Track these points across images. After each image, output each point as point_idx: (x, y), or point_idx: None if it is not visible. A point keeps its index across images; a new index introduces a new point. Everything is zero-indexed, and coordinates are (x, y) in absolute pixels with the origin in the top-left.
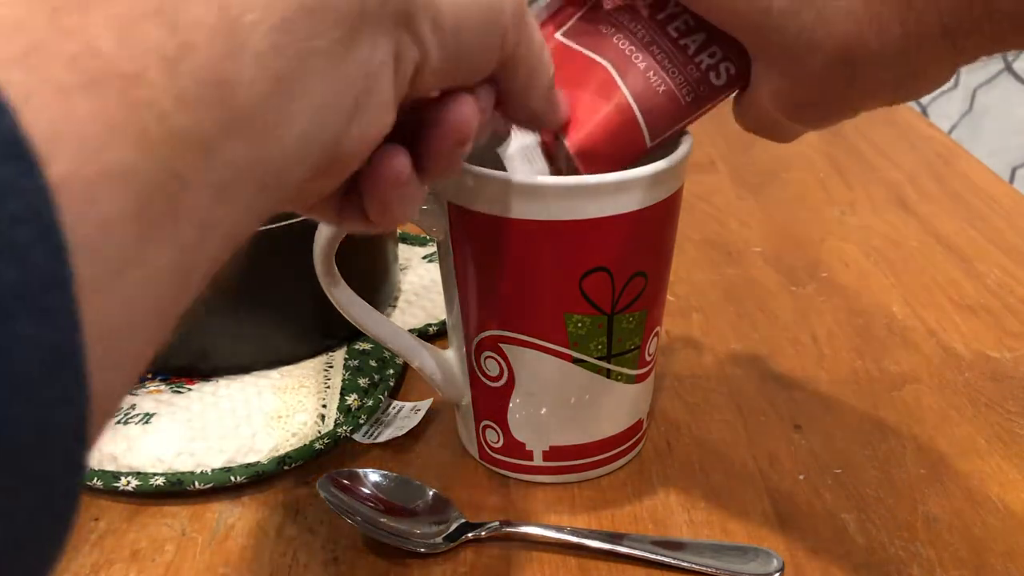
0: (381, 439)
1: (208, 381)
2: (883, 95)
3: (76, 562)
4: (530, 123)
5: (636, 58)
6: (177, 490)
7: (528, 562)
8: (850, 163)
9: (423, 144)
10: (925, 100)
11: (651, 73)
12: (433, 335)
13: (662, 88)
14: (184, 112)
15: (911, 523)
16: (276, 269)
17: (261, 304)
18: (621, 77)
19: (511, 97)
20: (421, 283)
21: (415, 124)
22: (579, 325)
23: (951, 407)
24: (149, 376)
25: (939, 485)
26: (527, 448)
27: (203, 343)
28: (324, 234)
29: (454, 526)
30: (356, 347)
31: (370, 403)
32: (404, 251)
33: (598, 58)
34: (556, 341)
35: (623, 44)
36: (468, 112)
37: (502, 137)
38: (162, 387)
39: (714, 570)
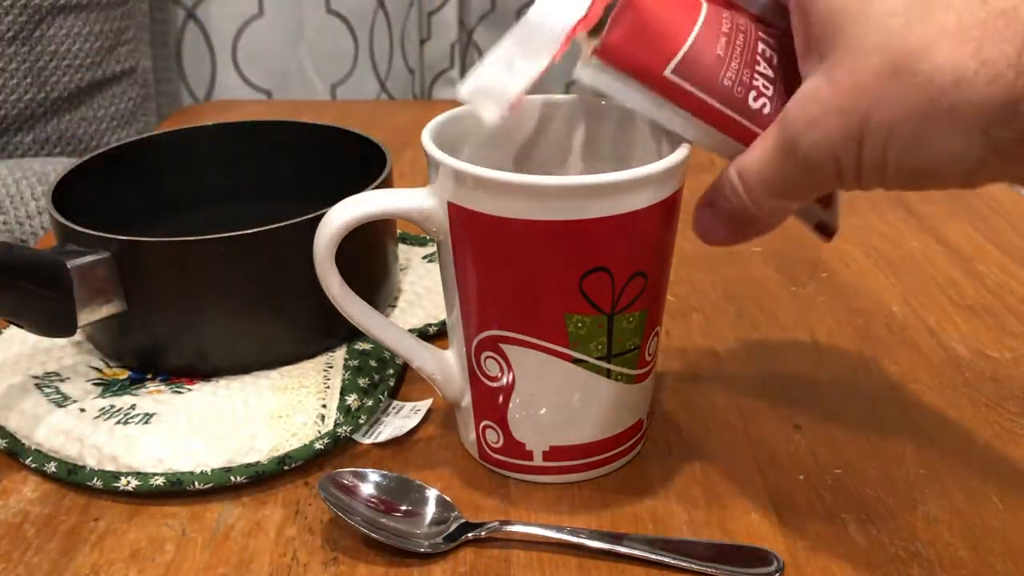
0: (381, 439)
1: (208, 381)
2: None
3: (76, 562)
4: None
5: (723, 23)
6: (177, 490)
7: (528, 562)
8: None
9: None
10: None
11: (722, 40)
12: (433, 335)
13: (716, 54)
14: None
15: (911, 523)
16: (276, 269)
17: (261, 304)
18: (703, 16)
19: None
20: (421, 283)
21: None
22: (579, 325)
23: (951, 407)
24: (149, 376)
25: (939, 485)
26: (527, 448)
27: (203, 343)
28: (324, 234)
29: (454, 526)
30: (356, 347)
31: (370, 403)
32: (404, 251)
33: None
34: (556, 341)
35: (724, 13)
36: None
37: None
38: (162, 387)
39: (714, 570)
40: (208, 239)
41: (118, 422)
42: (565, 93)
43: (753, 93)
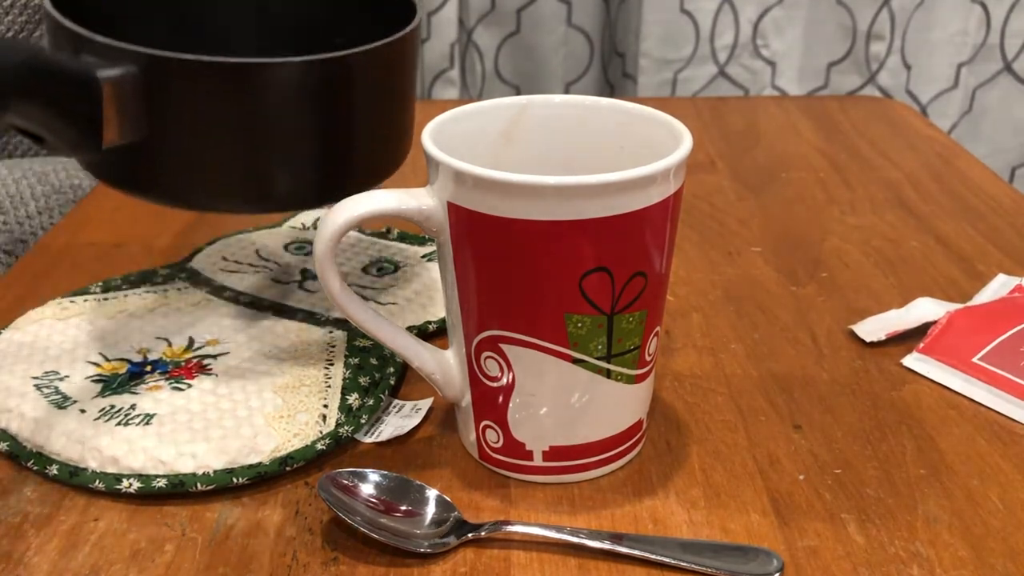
0: (383, 438)
1: (208, 375)
2: None
3: (76, 562)
4: None
5: None
6: (179, 491)
7: (528, 562)
8: (850, 163)
9: None
10: (925, 100)
11: None
12: (433, 332)
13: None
14: None
15: (911, 523)
16: (287, 105)
17: (262, 137)
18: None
19: None
20: (420, 281)
21: None
22: (579, 325)
23: (951, 407)
24: (148, 370)
25: (939, 485)
26: (527, 448)
27: (218, 178)
28: (325, 233)
29: (454, 526)
30: (356, 344)
31: (371, 402)
32: (404, 251)
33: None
34: (556, 341)
35: None
36: None
37: None
38: (161, 382)
39: (714, 570)
40: (256, 63)
41: (119, 423)
42: (565, 93)
43: None
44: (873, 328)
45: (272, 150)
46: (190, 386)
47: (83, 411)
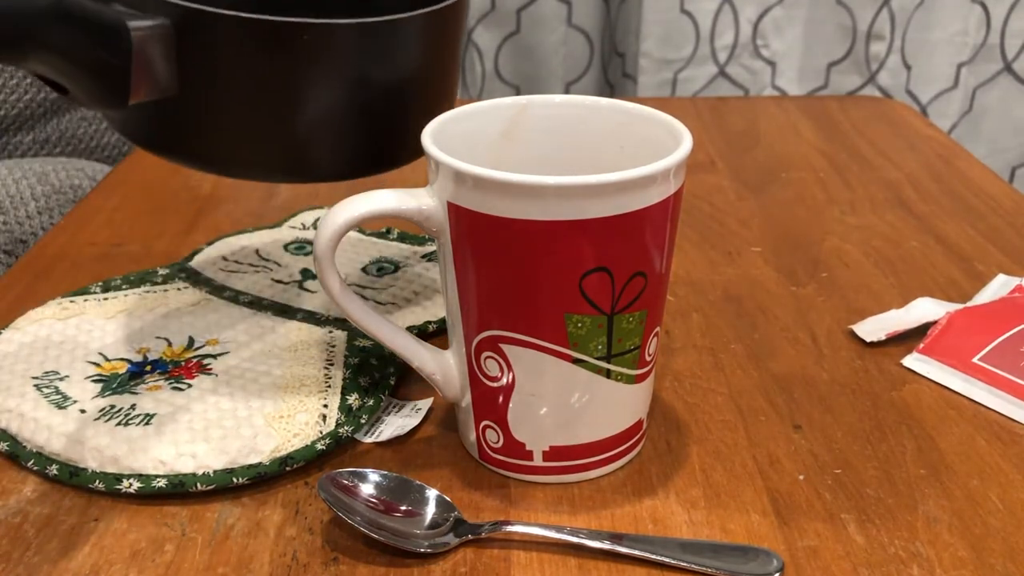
0: (383, 438)
1: (208, 375)
2: None
3: (76, 562)
4: None
5: None
6: (179, 491)
7: (528, 562)
8: (850, 163)
9: None
10: (925, 100)
11: None
12: (433, 332)
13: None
14: None
15: (911, 523)
16: (331, 69)
17: (301, 102)
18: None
19: None
20: (420, 281)
21: None
22: (579, 325)
23: (951, 407)
24: (148, 369)
25: (939, 485)
26: (527, 448)
27: (224, 135)
28: (325, 233)
29: (454, 526)
30: (356, 343)
31: (371, 403)
32: (404, 251)
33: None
34: (556, 341)
35: None
36: None
37: None
38: (161, 382)
39: (714, 570)
40: (301, 23)
41: (119, 423)
42: (565, 93)
43: None
44: (873, 328)
45: (311, 116)
46: (190, 386)
47: (83, 411)
